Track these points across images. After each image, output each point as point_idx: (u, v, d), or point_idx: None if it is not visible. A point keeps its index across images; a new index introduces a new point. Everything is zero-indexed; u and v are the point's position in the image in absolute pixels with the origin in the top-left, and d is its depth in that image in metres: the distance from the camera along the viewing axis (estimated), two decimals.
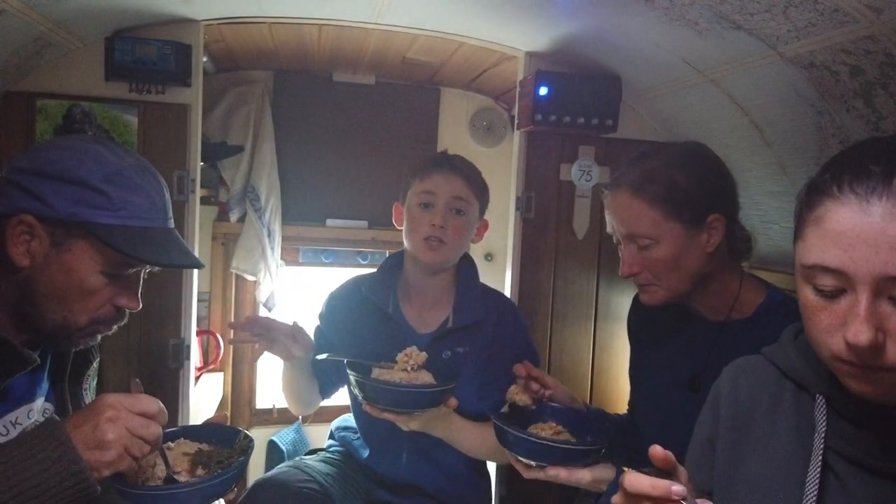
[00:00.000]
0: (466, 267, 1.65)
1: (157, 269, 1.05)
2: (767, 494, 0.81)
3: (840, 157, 0.75)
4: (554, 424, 1.26)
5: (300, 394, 1.68)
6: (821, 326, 0.72)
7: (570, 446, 1.14)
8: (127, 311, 1.04)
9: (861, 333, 0.66)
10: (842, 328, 0.70)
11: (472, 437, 1.50)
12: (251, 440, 1.09)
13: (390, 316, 1.58)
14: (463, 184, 1.54)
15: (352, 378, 1.33)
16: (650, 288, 1.27)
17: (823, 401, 0.79)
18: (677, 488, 0.69)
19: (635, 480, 0.72)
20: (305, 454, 1.78)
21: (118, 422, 0.86)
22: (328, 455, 1.72)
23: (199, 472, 1.03)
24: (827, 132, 1.44)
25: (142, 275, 1.06)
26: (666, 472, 0.74)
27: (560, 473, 1.13)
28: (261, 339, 1.53)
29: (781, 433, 0.84)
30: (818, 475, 0.76)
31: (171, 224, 1.07)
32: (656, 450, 0.74)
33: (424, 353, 1.40)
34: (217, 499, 1.00)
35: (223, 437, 1.12)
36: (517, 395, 1.30)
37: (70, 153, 0.97)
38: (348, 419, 1.78)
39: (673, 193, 1.20)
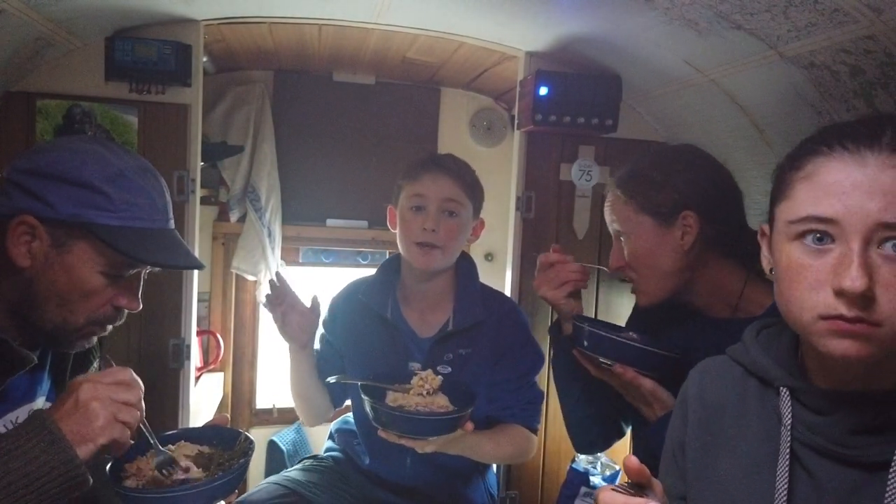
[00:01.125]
0: (465, 267, 1.62)
1: (157, 269, 1.06)
2: (739, 493, 0.81)
3: (819, 131, 0.77)
4: (632, 334, 1.30)
5: (310, 397, 1.62)
6: (805, 284, 0.71)
7: (648, 347, 1.19)
8: (125, 311, 1.04)
9: (857, 279, 0.66)
10: (830, 282, 0.69)
11: (487, 449, 1.49)
12: (252, 442, 1.09)
13: (390, 321, 1.57)
14: (454, 184, 1.51)
15: (367, 404, 1.31)
16: (636, 290, 1.30)
17: (787, 393, 0.79)
18: None
19: (609, 498, 0.71)
20: (298, 462, 1.77)
21: (97, 391, 0.88)
22: (317, 463, 1.70)
23: (200, 474, 1.03)
24: None
25: (142, 275, 1.06)
26: (640, 486, 0.74)
27: (627, 372, 1.17)
28: (274, 309, 1.51)
29: (749, 431, 0.83)
30: (787, 468, 0.76)
31: (172, 225, 1.07)
32: (631, 461, 0.73)
33: (440, 376, 1.38)
34: (218, 501, 1.00)
35: (224, 439, 1.12)
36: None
37: (72, 154, 0.97)
38: (349, 419, 1.76)
39: (645, 188, 1.24)
